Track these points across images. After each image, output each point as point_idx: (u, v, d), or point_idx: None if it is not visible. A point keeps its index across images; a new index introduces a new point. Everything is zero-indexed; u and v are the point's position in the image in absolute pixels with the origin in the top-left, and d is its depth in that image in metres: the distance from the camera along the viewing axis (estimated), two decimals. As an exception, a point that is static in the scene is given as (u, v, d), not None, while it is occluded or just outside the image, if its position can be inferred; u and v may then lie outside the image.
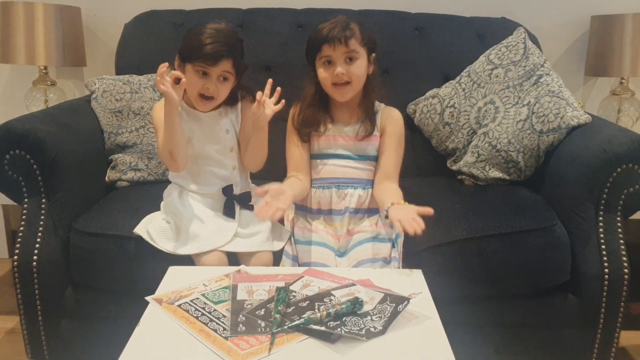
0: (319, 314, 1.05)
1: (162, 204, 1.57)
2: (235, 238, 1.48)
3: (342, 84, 1.52)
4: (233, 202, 1.54)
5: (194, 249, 1.43)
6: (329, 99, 1.60)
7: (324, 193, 1.57)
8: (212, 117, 1.56)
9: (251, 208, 1.56)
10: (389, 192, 1.50)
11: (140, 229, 1.49)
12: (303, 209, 1.61)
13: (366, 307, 1.09)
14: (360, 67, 1.52)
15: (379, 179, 1.58)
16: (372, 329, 1.03)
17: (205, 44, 1.43)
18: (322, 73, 1.53)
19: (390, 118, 1.61)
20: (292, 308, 1.10)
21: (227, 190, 1.55)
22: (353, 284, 1.18)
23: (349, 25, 1.51)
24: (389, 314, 1.07)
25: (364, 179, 1.59)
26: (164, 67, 1.38)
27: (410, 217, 1.29)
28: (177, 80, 1.41)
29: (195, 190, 1.55)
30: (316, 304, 1.10)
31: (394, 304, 1.09)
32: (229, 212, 1.52)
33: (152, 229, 1.48)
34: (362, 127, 1.57)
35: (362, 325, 1.04)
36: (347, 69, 1.50)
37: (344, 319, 1.05)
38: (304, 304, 1.11)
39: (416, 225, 1.27)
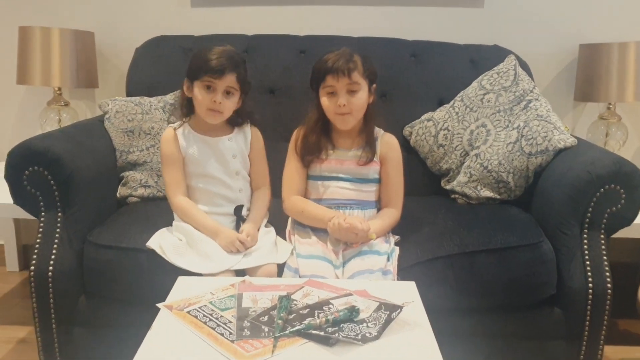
0: (318, 321, 1.13)
1: (174, 223, 1.64)
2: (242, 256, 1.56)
3: (344, 113, 1.61)
4: (240, 223, 1.63)
5: (206, 269, 1.48)
6: (331, 124, 1.69)
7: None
8: (221, 142, 1.67)
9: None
10: (379, 215, 1.67)
11: (153, 243, 1.56)
12: (303, 224, 1.68)
13: (362, 315, 1.17)
14: (361, 99, 1.62)
15: (385, 202, 1.70)
16: (367, 335, 1.11)
17: (211, 59, 1.57)
18: (325, 102, 1.63)
19: (389, 146, 1.71)
20: (293, 315, 1.17)
21: (238, 210, 1.65)
22: (350, 294, 1.26)
23: (352, 58, 1.60)
24: (384, 321, 1.15)
25: (363, 201, 1.68)
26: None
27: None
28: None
29: (204, 210, 1.63)
30: (316, 311, 1.18)
31: (388, 312, 1.17)
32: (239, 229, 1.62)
33: (165, 244, 1.55)
34: (363, 154, 1.67)
35: (359, 331, 1.11)
36: (348, 100, 1.59)
37: (341, 325, 1.13)
38: (305, 312, 1.19)
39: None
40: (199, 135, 1.66)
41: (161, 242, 1.56)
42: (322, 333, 1.10)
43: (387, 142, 1.71)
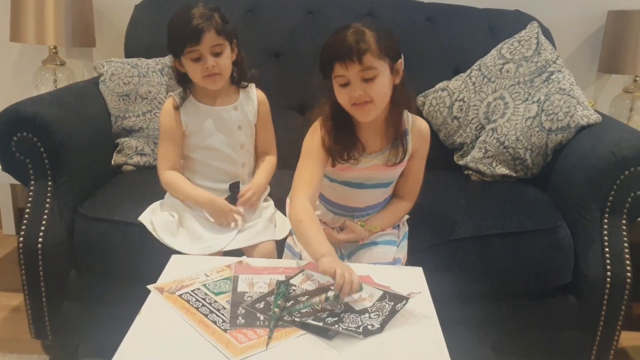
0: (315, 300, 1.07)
1: (165, 196, 1.57)
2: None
3: (362, 103, 1.31)
4: (236, 200, 1.53)
5: (196, 250, 1.43)
6: (352, 119, 1.39)
7: (337, 219, 1.49)
8: (226, 111, 1.57)
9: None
10: (388, 209, 1.49)
11: (144, 218, 1.50)
12: None
13: (365, 304, 1.09)
14: (381, 85, 1.30)
15: (396, 193, 1.52)
16: (369, 327, 1.03)
17: (181, 30, 1.47)
18: (339, 94, 1.34)
19: (421, 138, 1.45)
20: (291, 302, 1.10)
21: (234, 186, 1.54)
22: None
23: (363, 37, 1.27)
24: (387, 313, 1.07)
25: (383, 202, 1.51)
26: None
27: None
28: None
29: (201, 185, 1.55)
30: (316, 297, 1.11)
31: (392, 303, 1.10)
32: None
33: (157, 220, 1.48)
34: (392, 153, 1.41)
35: (360, 323, 1.04)
36: (365, 89, 1.29)
37: (342, 316, 1.06)
38: (303, 298, 1.11)
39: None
40: (202, 105, 1.56)
41: (153, 217, 1.49)
42: (321, 324, 1.03)
43: (419, 133, 1.44)
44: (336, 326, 1.03)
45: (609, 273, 1.50)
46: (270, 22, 2.07)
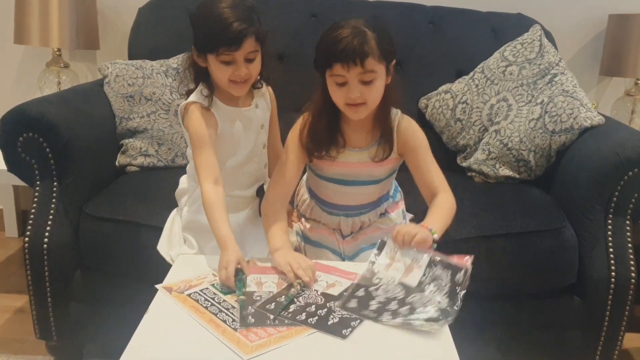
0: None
1: (184, 220, 1.46)
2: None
3: (357, 104, 1.30)
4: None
5: None
6: (341, 113, 1.38)
7: (332, 219, 1.48)
8: (251, 112, 1.44)
9: None
10: (432, 208, 1.38)
11: (162, 249, 1.44)
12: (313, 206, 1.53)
13: (414, 275, 1.14)
14: (378, 88, 1.30)
15: (427, 198, 1.42)
16: (447, 308, 1.09)
17: (224, 26, 1.28)
18: (334, 92, 1.31)
19: (407, 135, 1.40)
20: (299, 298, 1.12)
21: (260, 190, 1.48)
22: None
23: (365, 38, 1.25)
24: (448, 287, 1.12)
25: (375, 201, 1.49)
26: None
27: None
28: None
29: (229, 194, 1.41)
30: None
31: (449, 272, 1.13)
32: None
33: (175, 255, 1.39)
34: (379, 149, 1.38)
35: (429, 308, 1.08)
36: (362, 91, 1.27)
37: (405, 300, 1.10)
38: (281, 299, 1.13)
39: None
40: (228, 108, 1.39)
41: (171, 253, 1.42)
42: (399, 319, 1.06)
43: (404, 131, 1.40)
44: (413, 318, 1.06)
45: (613, 274, 1.51)
46: (274, 25, 2.04)
